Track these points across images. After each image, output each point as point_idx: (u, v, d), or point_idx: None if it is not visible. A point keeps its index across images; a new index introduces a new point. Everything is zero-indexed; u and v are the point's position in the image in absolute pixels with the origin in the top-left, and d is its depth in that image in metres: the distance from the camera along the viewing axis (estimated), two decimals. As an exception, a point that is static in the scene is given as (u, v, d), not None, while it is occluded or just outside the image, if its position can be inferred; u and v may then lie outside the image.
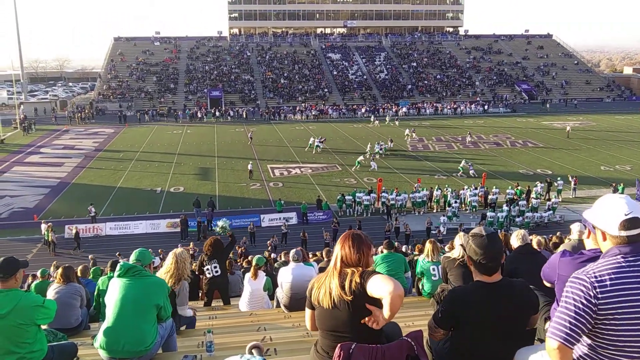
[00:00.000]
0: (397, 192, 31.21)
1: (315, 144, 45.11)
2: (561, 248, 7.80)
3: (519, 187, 31.85)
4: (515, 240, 6.63)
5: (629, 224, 2.64)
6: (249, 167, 38.18)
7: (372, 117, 62.04)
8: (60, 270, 7.50)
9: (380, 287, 3.04)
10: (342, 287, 3.19)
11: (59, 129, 58.73)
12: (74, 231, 26.75)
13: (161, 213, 30.60)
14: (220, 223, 10.25)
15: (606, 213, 2.73)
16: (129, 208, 31.17)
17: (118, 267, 4.91)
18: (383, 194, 31.42)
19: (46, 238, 26.03)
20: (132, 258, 5.13)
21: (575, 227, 7.68)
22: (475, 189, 31.88)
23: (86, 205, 29.79)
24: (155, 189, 34.98)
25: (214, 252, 8.93)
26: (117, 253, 21.06)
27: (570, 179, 33.13)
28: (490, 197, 31.28)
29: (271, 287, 8.93)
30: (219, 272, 8.91)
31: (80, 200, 32.03)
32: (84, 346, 5.77)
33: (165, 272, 6.55)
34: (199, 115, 64.94)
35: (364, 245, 3.30)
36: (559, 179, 33.21)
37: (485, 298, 3.33)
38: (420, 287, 8.44)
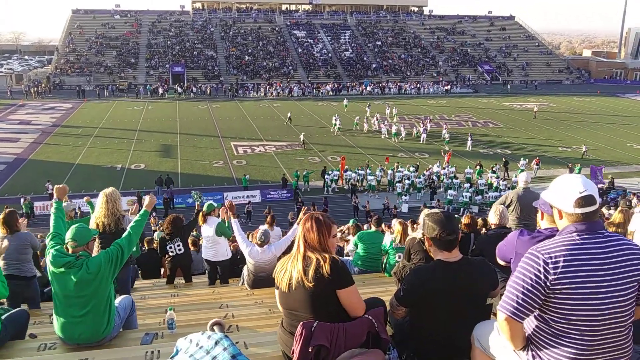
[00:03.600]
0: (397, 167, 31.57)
1: (338, 125, 44.32)
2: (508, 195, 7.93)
3: (479, 167, 32.38)
4: (492, 216, 6.49)
5: (583, 201, 2.71)
6: (301, 137, 39.03)
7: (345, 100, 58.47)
8: (1, 217, 6.62)
9: (352, 304, 3.31)
10: (305, 272, 3.22)
11: (14, 103, 56.77)
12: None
13: (122, 190, 29.86)
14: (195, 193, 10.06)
15: (562, 191, 2.80)
16: (88, 185, 30.43)
17: (50, 260, 4.47)
18: (347, 172, 31.52)
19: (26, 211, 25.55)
20: (68, 237, 4.58)
21: (521, 177, 7.83)
22: (416, 170, 32.12)
23: (43, 182, 29.02)
24: (116, 166, 34.30)
25: (175, 229, 8.79)
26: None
27: (519, 161, 33.81)
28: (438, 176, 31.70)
29: (226, 232, 8.79)
30: (182, 250, 8.78)
31: (37, 177, 31.16)
32: (42, 325, 5.69)
33: (98, 215, 6.44)
34: (161, 91, 63.65)
35: (324, 228, 3.33)
36: (522, 158, 33.92)
37: (446, 276, 3.39)
38: (383, 264, 8.23)
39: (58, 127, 45.81)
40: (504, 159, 34.18)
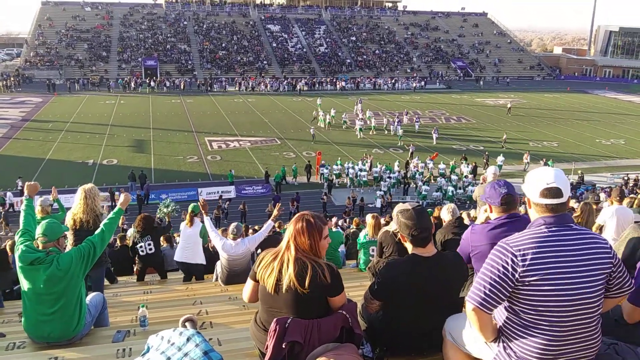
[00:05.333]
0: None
1: (328, 120, 44.61)
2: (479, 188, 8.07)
3: (454, 163, 32.76)
4: (445, 214, 6.71)
5: (548, 192, 2.75)
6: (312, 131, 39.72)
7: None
8: None
9: (338, 304, 3.37)
10: (299, 277, 3.17)
11: (-19, 97, 55.41)
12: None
13: (93, 186, 29.52)
14: (164, 209, 9.82)
15: (532, 181, 2.84)
16: (59, 181, 29.80)
17: (19, 257, 4.37)
18: (322, 168, 31.55)
19: None
20: (39, 232, 4.50)
21: (490, 170, 8.00)
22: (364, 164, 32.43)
23: (13, 177, 28.43)
24: (87, 162, 33.73)
25: (146, 228, 8.68)
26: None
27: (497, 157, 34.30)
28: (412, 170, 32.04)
29: (206, 235, 8.70)
30: (153, 250, 8.68)
31: (6, 173, 30.49)
32: (11, 324, 5.58)
33: (75, 211, 6.29)
34: (133, 85, 62.75)
35: (315, 231, 3.28)
36: (501, 155, 34.37)
37: (420, 270, 3.41)
38: (357, 259, 8.42)
39: (28, 121, 44.79)
40: (487, 153, 34.71)
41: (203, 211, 7.78)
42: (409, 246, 3.53)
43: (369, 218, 8.37)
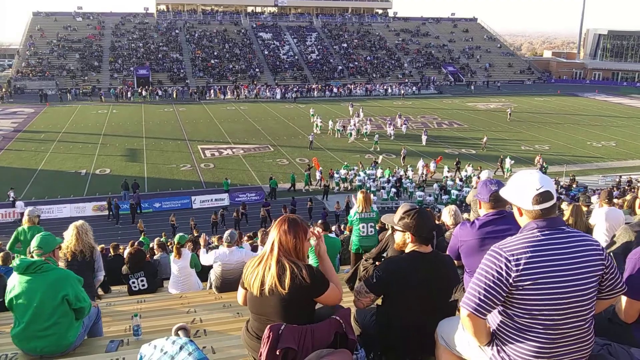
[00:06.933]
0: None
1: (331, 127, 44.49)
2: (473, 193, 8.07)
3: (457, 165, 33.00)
4: (447, 217, 6.58)
5: (540, 197, 2.75)
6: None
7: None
8: None
9: (330, 301, 3.36)
10: (280, 279, 3.17)
11: (-27, 108, 55.15)
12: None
13: (87, 196, 29.48)
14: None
15: (519, 189, 2.84)
16: (52, 191, 29.80)
17: (17, 263, 4.37)
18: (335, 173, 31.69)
19: None
20: (34, 245, 4.55)
21: (484, 174, 8.01)
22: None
23: (5, 189, 28.29)
24: (80, 171, 33.59)
25: (137, 263, 8.43)
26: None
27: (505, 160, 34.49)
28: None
29: (198, 263, 8.65)
30: (146, 286, 8.39)
31: (-2, 184, 30.41)
32: (2, 335, 5.53)
33: (66, 245, 6.27)
34: (129, 95, 62.60)
35: (301, 231, 3.28)
36: (508, 157, 34.52)
37: (419, 267, 3.47)
38: (350, 242, 8.36)
39: (20, 132, 44.64)
40: (501, 157, 34.93)
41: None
42: (411, 244, 3.58)
43: (358, 194, 8.41)
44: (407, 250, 3.61)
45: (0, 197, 28.35)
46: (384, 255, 6.24)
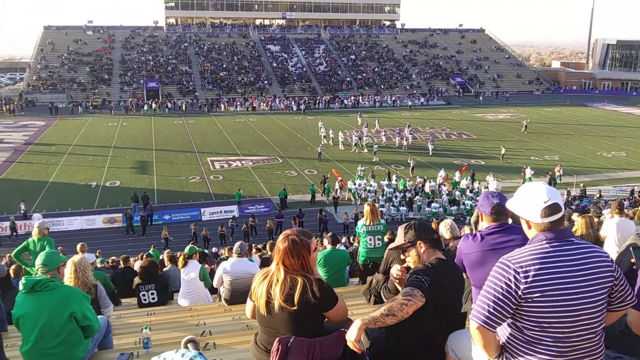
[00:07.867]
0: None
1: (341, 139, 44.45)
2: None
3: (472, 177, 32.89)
4: (443, 230, 6.52)
5: (549, 210, 2.75)
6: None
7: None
8: None
9: (338, 317, 3.38)
10: (288, 297, 3.16)
11: (-16, 122, 55.75)
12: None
13: (97, 208, 29.66)
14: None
15: (527, 202, 2.83)
16: (63, 204, 30.02)
17: (22, 283, 4.36)
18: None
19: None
20: (38, 263, 4.55)
21: (492, 185, 7.98)
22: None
23: (16, 201, 28.55)
24: (90, 184, 33.83)
25: (150, 275, 8.42)
26: (59, 248, 20.28)
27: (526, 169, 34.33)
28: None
29: (208, 276, 8.65)
30: (156, 300, 8.37)
31: (9, 197, 30.60)
32: (14, 347, 5.56)
33: (67, 282, 6.27)
34: (146, 108, 63.09)
35: (303, 249, 3.26)
36: (529, 167, 34.40)
37: (451, 272, 3.60)
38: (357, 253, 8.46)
39: (31, 145, 45.06)
40: (524, 167, 34.85)
41: None
42: (427, 253, 3.62)
43: (365, 206, 8.46)
44: (428, 259, 3.60)
45: (12, 209, 28.57)
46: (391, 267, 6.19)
